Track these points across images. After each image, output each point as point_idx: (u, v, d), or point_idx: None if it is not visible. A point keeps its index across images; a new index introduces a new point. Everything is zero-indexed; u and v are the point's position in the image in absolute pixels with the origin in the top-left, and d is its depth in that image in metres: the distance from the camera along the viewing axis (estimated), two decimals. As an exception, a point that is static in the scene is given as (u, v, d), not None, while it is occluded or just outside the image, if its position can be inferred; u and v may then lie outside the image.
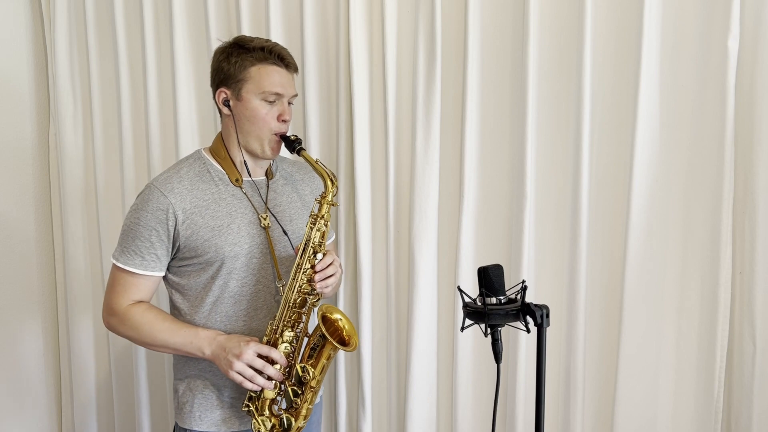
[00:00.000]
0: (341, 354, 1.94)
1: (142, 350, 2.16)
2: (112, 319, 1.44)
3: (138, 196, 1.44)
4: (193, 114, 2.04)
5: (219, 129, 1.56)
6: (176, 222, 1.38)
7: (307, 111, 1.88)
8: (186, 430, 1.47)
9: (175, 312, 1.49)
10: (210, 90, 1.52)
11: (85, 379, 2.30)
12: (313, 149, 1.90)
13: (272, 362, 1.38)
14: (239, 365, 1.35)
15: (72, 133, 2.21)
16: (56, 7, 2.14)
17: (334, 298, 1.93)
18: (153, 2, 2.03)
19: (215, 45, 1.89)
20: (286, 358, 1.40)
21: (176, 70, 1.99)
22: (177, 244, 1.41)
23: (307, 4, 1.83)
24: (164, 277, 1.47)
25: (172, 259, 1.44)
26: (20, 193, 2.25)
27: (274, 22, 1.88)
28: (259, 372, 1.36)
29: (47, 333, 2.33)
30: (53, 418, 2.39)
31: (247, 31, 1.91)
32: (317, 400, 1.52)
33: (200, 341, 1.39)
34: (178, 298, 1.47)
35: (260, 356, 1.37)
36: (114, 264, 1.43)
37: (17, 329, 2.26)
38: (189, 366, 1.48)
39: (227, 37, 1.53)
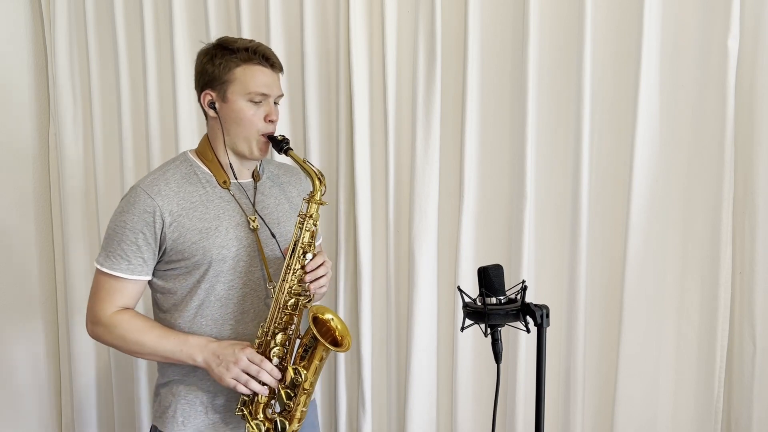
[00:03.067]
0: (341, 354, 1.93)
1: (142, 350, 2.16)
2: (97, 328, 1.39)
3: (123, 198, 1.40)
4: (193, 114, 2.03)
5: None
6: (163, 224, 1.35)
7: (307, 111, 1.88)
8: None
9: (160, 315, 1.45)
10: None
11: (84, 379, 2.30)
12: (313, 150, 1.90)
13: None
14: (235, 371, 1.33)
15: (72, 133, 2.21)
16: (56, 7, 2.14)
17: (335, 298, 1.93)
18: (153, 2, 2.03)
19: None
20: (279, 359, 1.38)
21: (176, 70, 1.99)
22: (164, 247, 1.38)
23: (307, 4, 1.83)
24: (149, 281, 1.43)
25: (158, 262, 1.40)
26: (20, 193, 2.25)
27: (274, 22, 1.88)
28: (254, 377, 1.34)
29: (47, 333, 2.33)
30: (53, 417, 2.38)
31: (247, 32, 1.91)
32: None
33: (191, 349, 1.36)
34: (162, 302, 1.44)
35: (253, 363, 1.34)
36: (98, 269, 1.39)
37: (17, 329, 2.26)
38: (174, 369, 1.44)
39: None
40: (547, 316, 1.10)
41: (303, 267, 1.39)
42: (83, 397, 2.31)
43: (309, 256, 1.40)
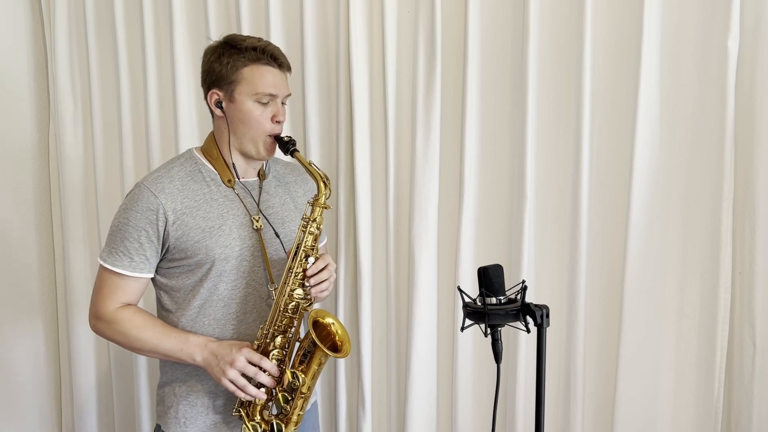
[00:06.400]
0: (341, 354, 1.93)
1: (142, 350, 2.16)
2: (99, 323, 1.40)
3: (127, 195, 1.40)
4: (193, 114, 2.03)
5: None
6: (166, 222, 1.35)
7: (307, 111, 1.88)
8: None
9: (163, 313, 1.46)
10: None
11: (84, 380, 2.30)
12: (313, 149, 1.90)
13: (264, 370, 1.35)
14: (232, 373, 1.32)
15: (72, 134, 2.21)
16: (56, 7, 2.14)
17: (334, 298, 1.93)
18: (153, 2, 2.03)
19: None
20: (278, 363, 1.37)
21: (176, 70, 1.99)
22: (167, 246, 1.37)
23: (307, 4, 1.83)
24: (152, 278, 1.43)
25: (161, 260, 1.40)
26: (20, 193, 2.25)
27: (274, 22, 1.88)
28: (251, 380, 1.34)
29: (47, 333, 2.33)
30: (53, 418, 2.39)
31: (247, 31, 1.90)
32: (308, 405, 1.50)
33: (191, 348, 1.36)
34: (165, 300, 1.44)
35: (252, 364, 1.34)
36: (101, 265, 1.39)
37: (17, 329, 2.26)
38: (175, 368, 1.44)
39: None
40: (547, 316, 1.10)
41: (305, 270, 1.38)
42: (83, 396, 2.31)
43: (311, 259, 1.39)
